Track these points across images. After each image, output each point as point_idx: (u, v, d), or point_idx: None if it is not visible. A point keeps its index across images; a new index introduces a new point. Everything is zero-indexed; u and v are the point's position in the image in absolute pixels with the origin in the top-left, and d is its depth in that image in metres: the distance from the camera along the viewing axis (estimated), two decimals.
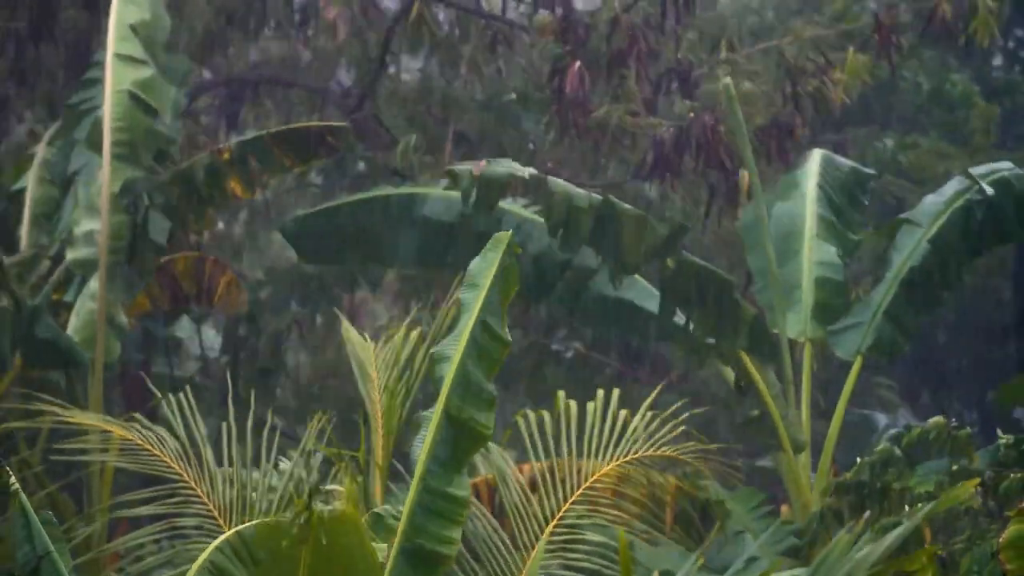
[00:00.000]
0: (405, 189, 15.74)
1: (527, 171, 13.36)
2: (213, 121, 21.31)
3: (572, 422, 11.74)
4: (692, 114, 17.76)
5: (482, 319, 9.47)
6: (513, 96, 20.26)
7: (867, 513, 11.68)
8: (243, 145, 15.32)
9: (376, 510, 8.77)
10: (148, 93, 14.68)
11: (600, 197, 13.48)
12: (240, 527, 9.00)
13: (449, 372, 9.34)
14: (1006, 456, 12.14)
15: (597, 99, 18.29)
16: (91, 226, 14.35)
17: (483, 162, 13.43)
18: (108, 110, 14.49)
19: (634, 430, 11.74)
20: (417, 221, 15.11)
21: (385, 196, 15.54)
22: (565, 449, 11.55)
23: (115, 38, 14.77)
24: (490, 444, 11.13)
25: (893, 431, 12.74)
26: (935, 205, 14.49)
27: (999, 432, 12.35)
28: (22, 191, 15.70)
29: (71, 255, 14.34)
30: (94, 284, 14.20)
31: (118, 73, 14.62)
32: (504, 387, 21.95)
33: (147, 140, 14.68)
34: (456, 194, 14.97)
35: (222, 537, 8.87)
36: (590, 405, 11.76)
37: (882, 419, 23.23)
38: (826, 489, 12.99)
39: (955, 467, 12.13)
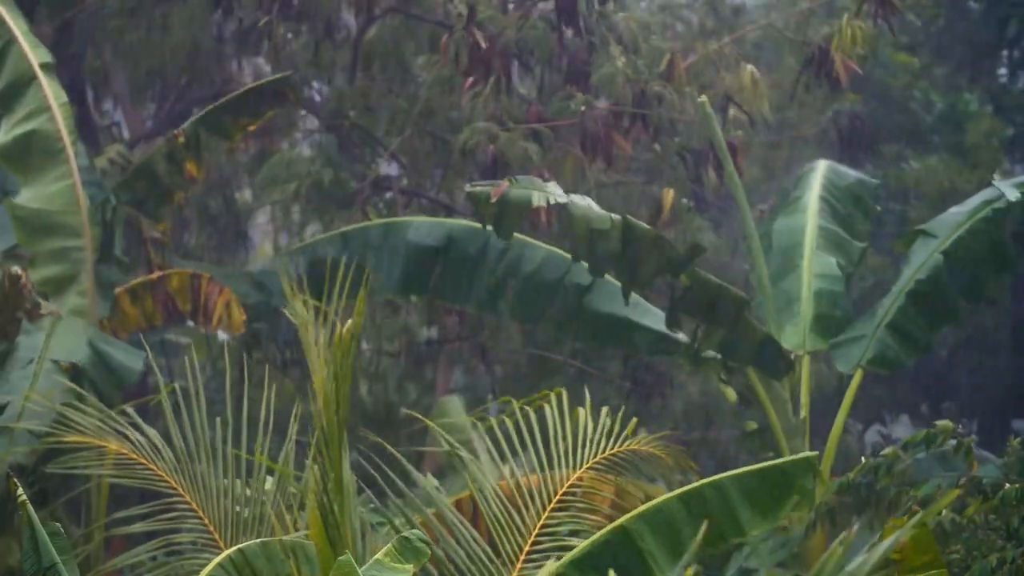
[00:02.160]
0: (384, 219, 15.75)
1: (549, 194, 12.99)
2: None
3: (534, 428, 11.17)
4: (584, 108, 17.59)
5: (729, 494, 9.30)
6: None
7: (856, 525, 11.62)
8: (195, 124, 15.28)
9: (404, 533, 8.59)
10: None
11: (620, 218, 13.29)
12: (241, 545, 8.93)
13: (650, 504, 9.29)
14: (1007, 465, 12.14)
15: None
16: (58, 244, 14.03)
17: (504, 182, 12.99)
18: (62, 126, 14.04)
19: (598, 431, 11.18)
20: (399, 249, 15.07)
21: (364, 228, 15.62)
22: (535, 459, 11.20)
23: (29, 46, 14.22)
24: (467, 457, 11.00)
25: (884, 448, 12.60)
26: (955, 216, 14.31)
27: (1011, 440, 12.31)
28: None
29: (36, 275, 13.88)
30: (74, 299, 14.01)
31: (52, 86, 14.14)
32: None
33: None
34: (437, 220, 14.99)
35: (222, 555, 8.81)
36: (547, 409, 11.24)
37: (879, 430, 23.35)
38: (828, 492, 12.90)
39: (961, 480, 12.09)
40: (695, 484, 9.34)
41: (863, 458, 12.30)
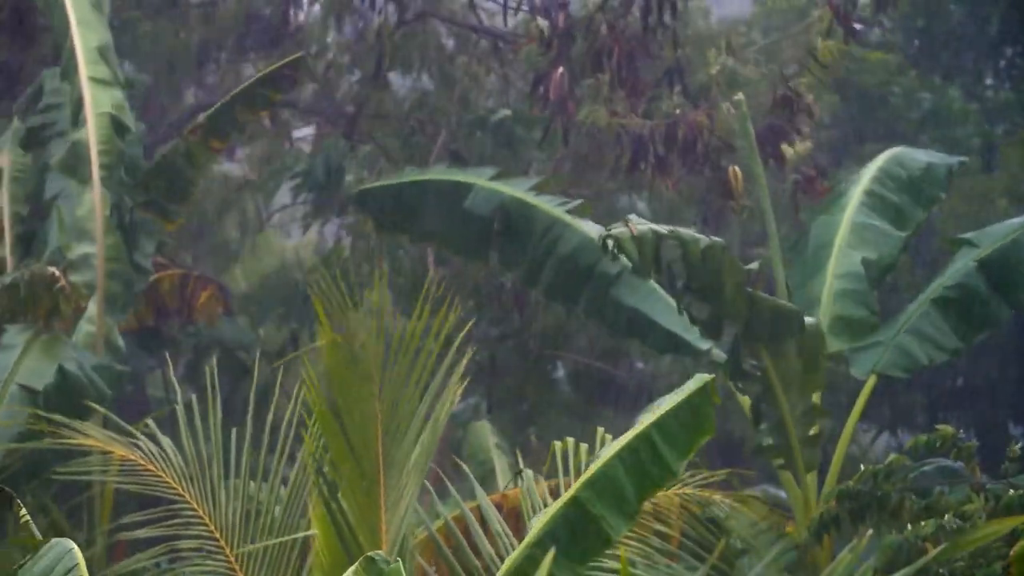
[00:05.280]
0: (456, 176, 15.83)
1: (656, 226, 12.66)
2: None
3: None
4: (678, 111, 17.68)
5: (654, 440, 9.36)
6: (507, 112, 20.25)
7: (869, 532, 11.61)
8: (210, 117, 15.55)
9: (370, 554, 8.65)
10: (124, 114, 14.80)
11: (720, 241, 12.92)
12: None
13: (594, 468, 9.33)
14: (1009, 469, 12.12)
15: (583, 104, 18.20)
16: (85, 249, 14.39)
17: (630, 221, 12.48)
18: (92, 134, 14.58)
19: None
20: (462, 212, 15.35)
21: (439, 180, 15.85)
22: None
23: (85, 62, 14.83)
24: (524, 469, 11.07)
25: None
26: (1004, 228, 14.18)
27: (1012, 445, 12.28)
28: None
29: (75, 278, 14.31)
30: (92, 307, 14.23)
31: (96, 97, 14.71)
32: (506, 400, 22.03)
33: (126, 161, 14.83)
34: (496, 186, 15.07)
35: None
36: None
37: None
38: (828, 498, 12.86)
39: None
40: (626, 438, 9.46)
41: (862, 465, 12.29)
